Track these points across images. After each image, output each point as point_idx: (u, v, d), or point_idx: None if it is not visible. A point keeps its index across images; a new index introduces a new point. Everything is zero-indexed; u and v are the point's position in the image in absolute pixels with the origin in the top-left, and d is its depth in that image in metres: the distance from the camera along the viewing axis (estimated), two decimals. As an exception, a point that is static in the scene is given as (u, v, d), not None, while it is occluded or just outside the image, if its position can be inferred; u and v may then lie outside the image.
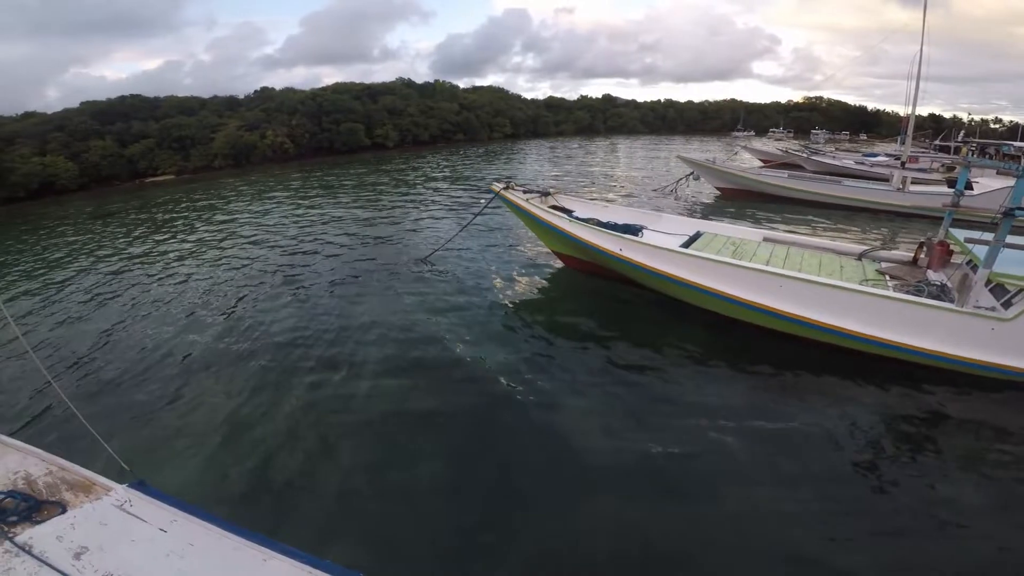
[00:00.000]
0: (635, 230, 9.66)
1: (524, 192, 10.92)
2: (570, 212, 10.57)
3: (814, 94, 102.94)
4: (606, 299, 9.59)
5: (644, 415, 6.19)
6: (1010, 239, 6.58)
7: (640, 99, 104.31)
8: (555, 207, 10.74)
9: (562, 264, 11.36)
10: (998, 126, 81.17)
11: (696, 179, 21.97)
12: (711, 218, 14.48)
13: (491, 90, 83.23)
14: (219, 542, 2.56)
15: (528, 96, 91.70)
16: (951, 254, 8.27)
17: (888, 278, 8.03)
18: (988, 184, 17.33)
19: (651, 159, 41.97)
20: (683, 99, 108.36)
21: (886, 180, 20.56)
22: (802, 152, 32.41)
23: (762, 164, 29.43)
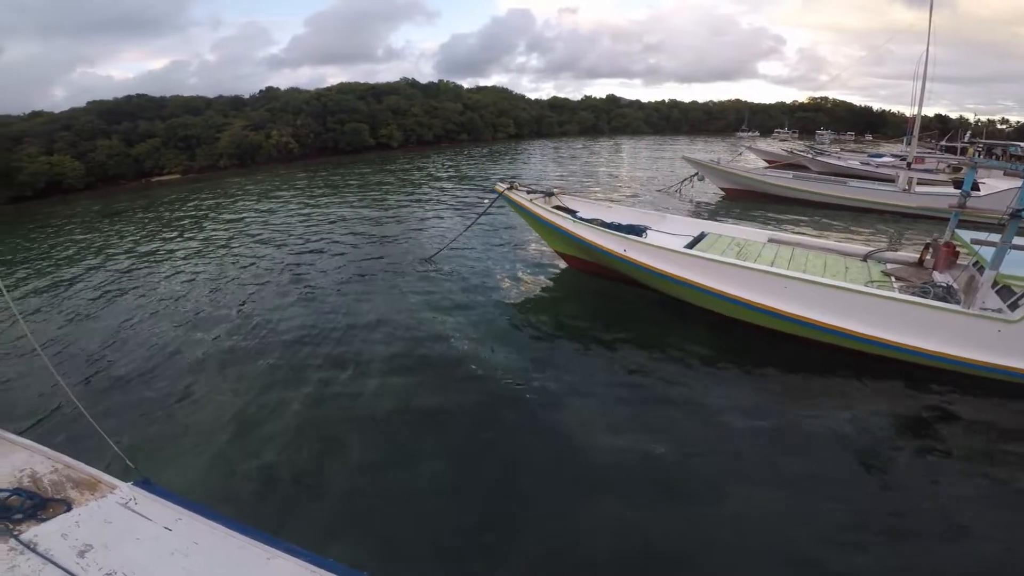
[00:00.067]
0: (639, 231, 9.63)
1: (528, 192, 10.90)
2: (574, 212, 10.55)
3: (819, 94, 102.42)
4: (610, 299, 9.58)
5: (647, 415, 6.18)
6: (1017, 240, 6.52)
7: (644, 99, 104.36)
8: (559, 207, 10.72)
9: (566, 265, 11.35)
10: (1005, 127, 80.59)
11: (700, 180, 21.87)
12: (716, 219, 14.44)
13: (495, 90, 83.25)
14: (223, 540, 2.56)
15: (532, 96, 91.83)
16: (957, 255, 8.22)
17: (893, 279, 7.99)
18: (995, 185, 17.21)
19: (655, 159, 41.90)
20: (687, 99, 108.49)
21: (892, 181, 20.47)
22: (807, 153, 32.30)
23: (767, 165, 29.31)
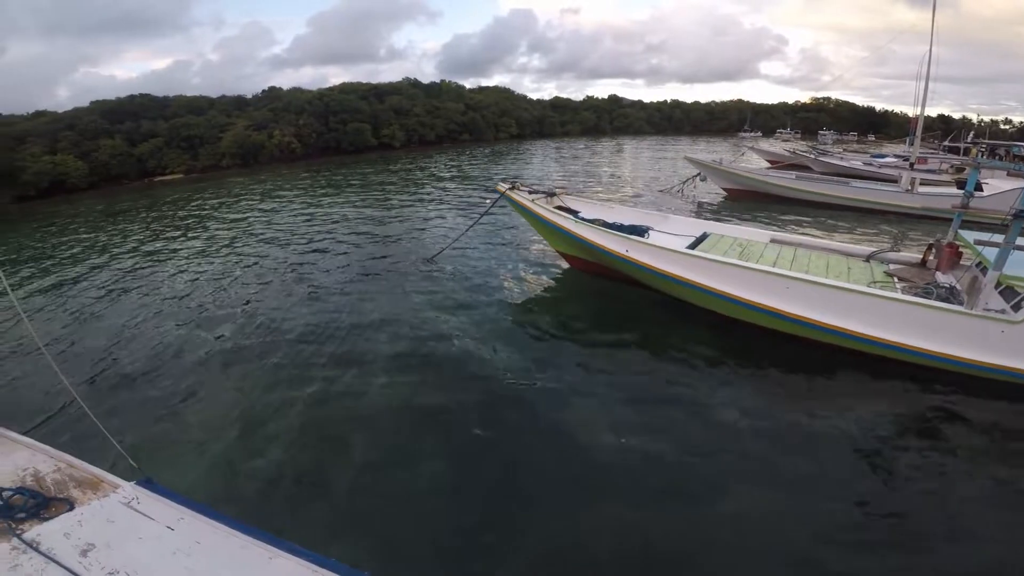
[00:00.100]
0: (641, 231, 9.62)
1: (530, 192, 10.89)
2: (576, 213, 10.54)
3: (821, 95, 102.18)
4: (611, 300, 9.57)
5: (648, 415, 6.18)
6: (1020, 241, 6.50)
7: (646, 100, 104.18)
8: (561, 208, 10.72)
9: (567, 265, 11.34)
10: (1008, 127, 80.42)
11: (703, 180, 21.86)
12: (718, 219, 14.43)
13: (497, 90, 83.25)
14: (226, 540, 2.57)
15: (534, 97, 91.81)
16: (960, 256, 8.20)
17: (896, 280, 7.97)
18: (998, 185, 17.17)
19: (657, 160, 41.87)
20: (689, 100, 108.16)
21: (895, 181, 20.43)
22: (809, 153, 32.29)
23: (769, 165, 29.27)
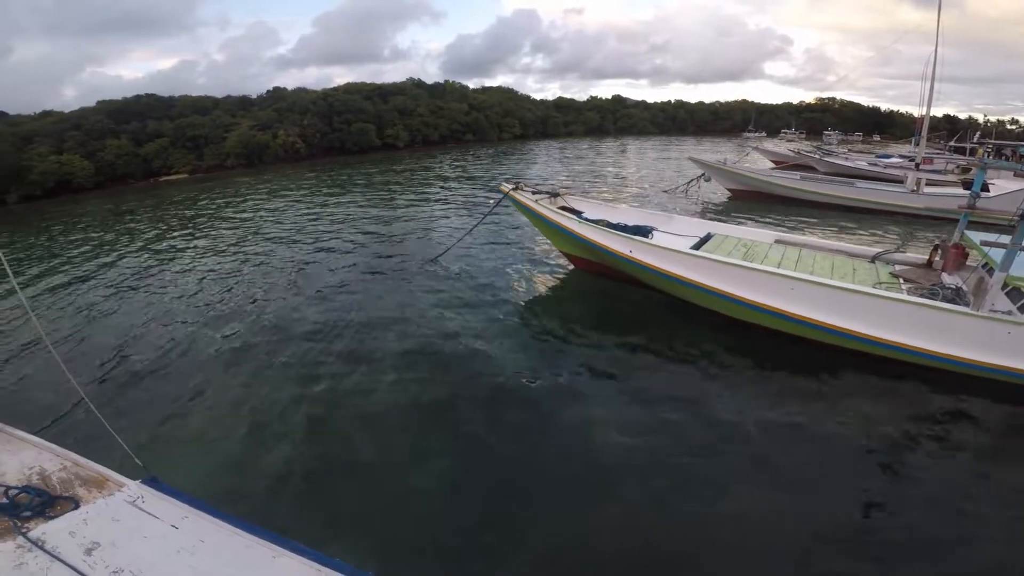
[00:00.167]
0: (645, 231, 9.60)
1: (533, 193, 10.88)
2: (579, 213, 10.53)
3: (826, 95, 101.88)
4: (615, 300, 9.56)
5: (651, 415, 6.17)
6: None
7: (650, 100, 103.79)
8: (564, 208, 10.71)
9: (572, 265, 11.33)
10: (1014, 127, 79.99)
11: (707, 180, 21.77)
12: (722, 220, 14.40)
13: (500, 91, 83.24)
14: (230, 539, 2.57)
15: (537, 97, 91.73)
16: (966, 257, 8.16)
17: (902, 281, 7.94)
18: (1005, 186, 17.06)
19: (662, 160, 41.79)
20: (694, 100, 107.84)
21: (900, 182, 20.32)
22: (814, 153, 32.14)
23: (773, 165, 29.19)
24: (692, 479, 5.18)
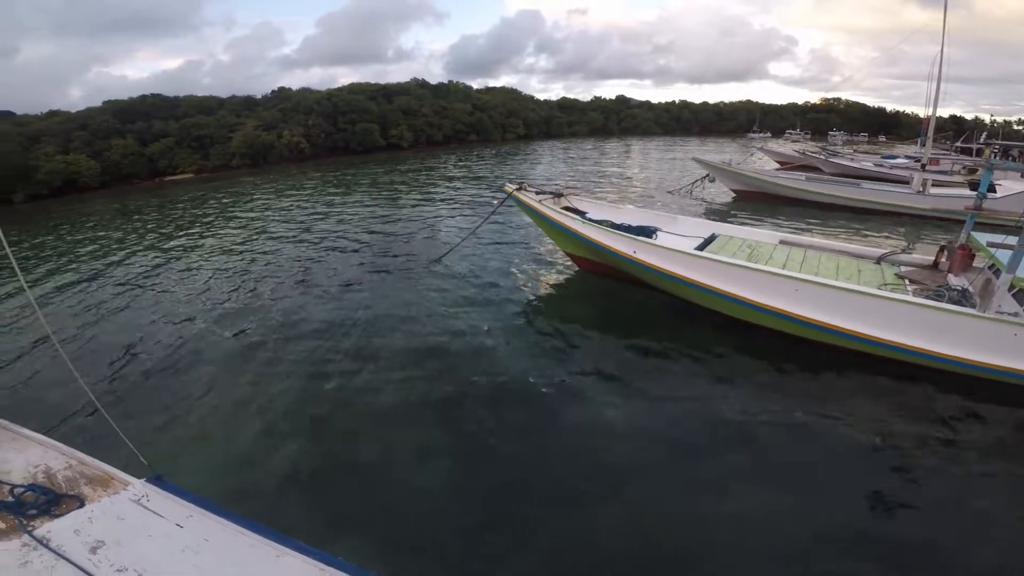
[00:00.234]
0: (649, 232, 9.59)
1: (537, 193, 10.88)
2: (583, 213, 10.51)
3: (831, 95, 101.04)
4: (619, 301, 9.55)
5: (654, 416, 6.16)
6: None
7: (654, 100, 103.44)
8: (568, 208, 10.70)
9: (575, 265, 11.32)
10: (1021, 128, 79.30)
11: (711, 181, 21.78)
12: (726, 220, 14.33)
13: (504, 91, 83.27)
14: (234, 538, 2.58)
15: (541, 97, 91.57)
16: (973, 258, 8.10)
17: (907, 282, 7.89)
18: (1012, 187, 16.98)
19: (666, 160, 41.70)
20: (698, 100, 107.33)
21: (906, 183, 20.24)
22: (819, 154, 32.01)
23: (778, 166, 29.08)
24: (695, 479, 5.17)
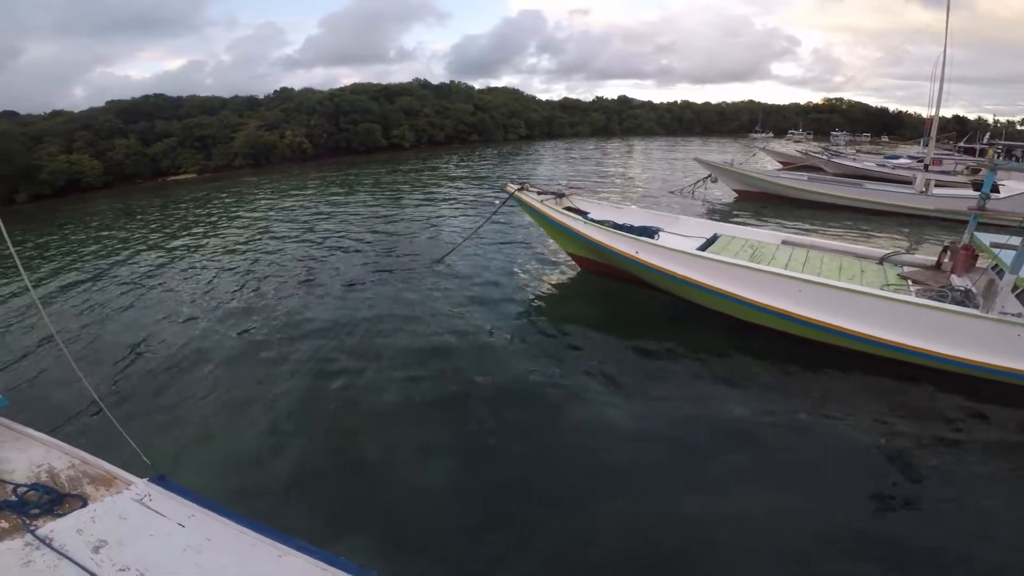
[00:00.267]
0: (651, 232, 9.57)
1: (539, 193, 10.86)
2: (585, 214, 10.49)
3: (834, 95, 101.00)
4: (621, 301, 9.54)
5: (657, 416, 6.15)
6: None
7: (656, 100, 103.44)
8: (570, 209, 10.69)
9: (576, 266, 11.31)
10: (1025, 128, 78.98)
11: (714, 181, 21.66)
12: (729, 221, 14.30)
13: (506, 91, 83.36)
14: (236, 538, 2.58)
15: (543, 97, 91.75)
16: (976, 259, 8.07)
17: (910, 283, 7.87)
18: (1015, 187, 16.89)
19: (668, 161, 41.67)
20: (700, 100, 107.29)
21: (909, 183, 20.15)
22: (822, 154, 31.92)
23: (781, 166, 29.02)
24: (696, 479, 5.16)
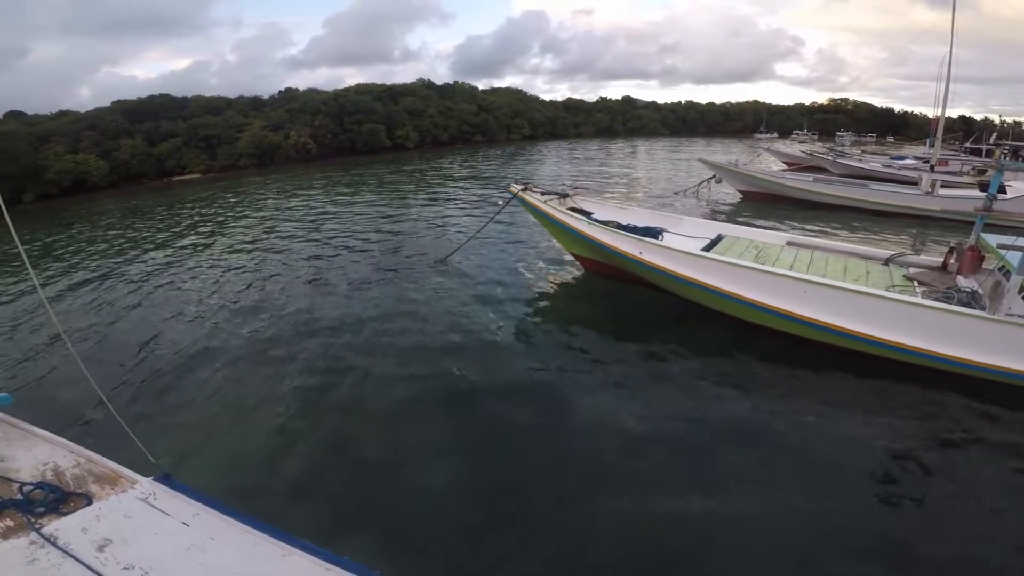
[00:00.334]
0: (655, 233, 9.54)
1: (542, 194, 10.85)
2: (589, 214, 10.48)
3: (839, 96, 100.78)
4: (625, 302, 9.52)
5: (660, 417, 6.13)
6: None
7: (660, 101, 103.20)
8: (573, 209, 10.67)
9: (580, 266, 11.30)
10: (1032, 128, 78.44)
11: (718, 182, 21.66)
12: (733, 221, 14.25)
13: (509, 91, 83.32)
14: (240, 537, 2.58)
15: (547, 98, 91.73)
16: (982, 260, 8.02)
17: (916, 284, 7.82)
18: (1022, 188, 16.77)
19: (672, 161, 41.59)
20: (704, 101, 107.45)
21: (914, 184, 20.03)
22: (827, 155, 31.78)
23: (785, 167, 28.93)
24: (697, 479, 5.15)
